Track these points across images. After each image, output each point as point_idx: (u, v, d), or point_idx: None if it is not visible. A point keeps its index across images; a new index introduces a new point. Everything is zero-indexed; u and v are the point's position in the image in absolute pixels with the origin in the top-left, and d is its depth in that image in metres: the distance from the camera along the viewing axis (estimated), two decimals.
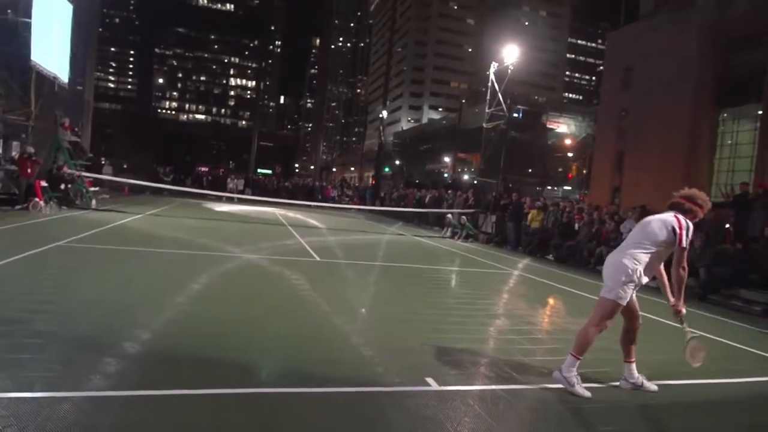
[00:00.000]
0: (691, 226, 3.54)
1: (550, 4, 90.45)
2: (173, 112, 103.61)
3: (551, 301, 7.50)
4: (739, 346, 5.49)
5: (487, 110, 15.55)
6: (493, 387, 3.33)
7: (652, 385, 3.64)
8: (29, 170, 11.23)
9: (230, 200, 22.98)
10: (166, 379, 2.91)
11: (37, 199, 11.13)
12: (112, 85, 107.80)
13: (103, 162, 22.52)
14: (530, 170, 34.57)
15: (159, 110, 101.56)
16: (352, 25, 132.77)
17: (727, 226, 9.68)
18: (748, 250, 8.41)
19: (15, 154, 12.46)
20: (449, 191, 19.41)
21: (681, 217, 3.53)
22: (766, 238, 8.17)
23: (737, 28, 21.13)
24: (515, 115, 17.07)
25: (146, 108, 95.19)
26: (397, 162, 61.43)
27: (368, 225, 18.98)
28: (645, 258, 3.48)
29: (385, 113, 29.82)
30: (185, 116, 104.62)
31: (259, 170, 56.73)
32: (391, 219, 22.32)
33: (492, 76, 15.36)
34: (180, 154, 49.27)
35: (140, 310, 4.39)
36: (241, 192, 25.44)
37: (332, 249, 10.88)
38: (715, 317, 7.09)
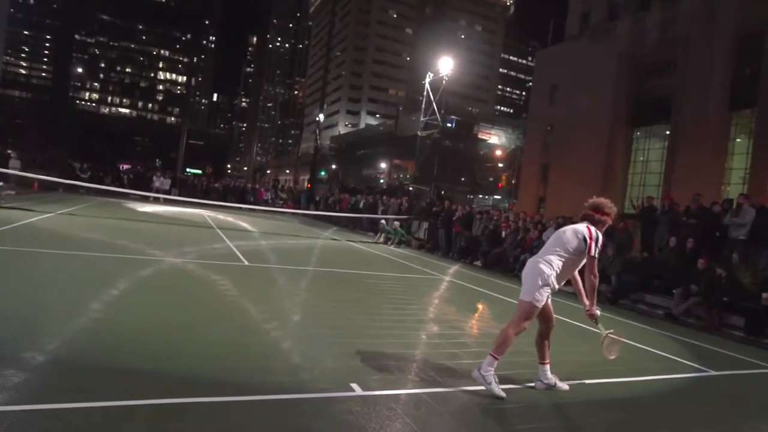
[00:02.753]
0: (601, 237, 3.75)
1: (486, 19, 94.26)
2: (93, 104, 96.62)
3: (478, 306, 7.76)
4: (642, 347, 5.95)
5: (422, 119, 15.85)
6: (417, 391, 3.39)
7: (564, 385, 3.86)
8: None
9: (156, 200, 21.78)
10: (77, 391, 2.70)
11: None
12: (23, 72, 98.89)
13: (10, 155, 20.51)
14: (462, 179, 35.69)
15: (77, 101, 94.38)
16: (291, 25, 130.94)
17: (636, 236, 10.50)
18: (654, 259, 9.16)
19: None
20: (384, 197, 19.58)
21: (592, 228, 3.75)
22: (670, 248, 8.95)
23: (649, 57, 23.18)
24: (448, 124, 17.52)
25: (62, 98, 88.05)
26: (333, 166, 61.22)
27: (302, 229, 18.71)
28: (559, 264, 3.69)
29: (321, 117, 29.57)
30: (107, 109, 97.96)
31: (188, 169, 54.32)
32: (325, 224, 22.13)
33: (427, 86, 15.71)
34: (100, 149, 46.02)
35: (49, 316, 4.05)
36: (167, 192, 24.18)
37: (263, 253, 10.62)
38: (624, 320, 7.65)
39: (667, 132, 22.61)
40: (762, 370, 5.63)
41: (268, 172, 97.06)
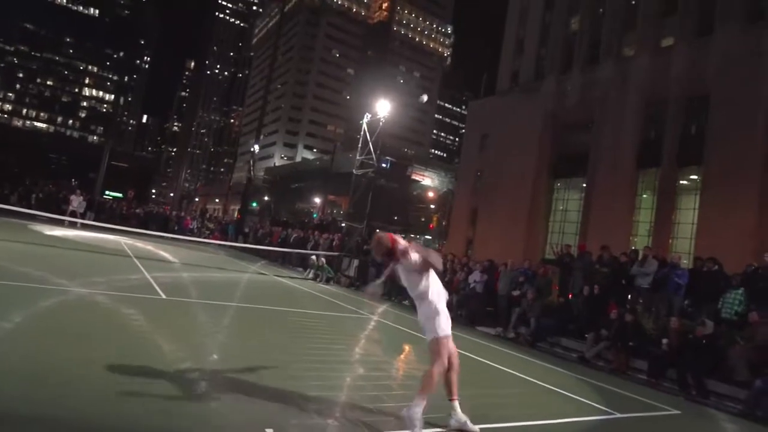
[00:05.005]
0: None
1: (424, 67, 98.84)
2: (5, 116, 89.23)
3: (404, 346, 7.76)
4: (557, 389, 6.20)
5: (357, 157, 16.10)
6: None
7: (474, 427, 3.82)
8: None
9: (72, 224, 20.10)
10: None
11: None
12: None
13: None
14: (395, 218, 36.27)
15: None
16: (231, 54, 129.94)
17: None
18: (569, 304, 9.70)
19: None
20: (316, 232, 19.40)
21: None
22: (583, 295, 9.52)
23: (570, 114, 25.19)
24: (383, 165, 17.88)
25: None
26: (266, 198, 60.10)
27: (228, 262, 17.99)
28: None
29: (257, 147, 29.14)
30: (20, 122, 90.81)
31: (107, 192, 50.96)
32: (253, 257, 21.45)
33: (364, 126, 16.06)
34: (8, 164, 42.15)
35: None
36: (83, 215, 22.44)
37: (184, 286, 10.07)
38: (541, 363, 7.95)
39: (584, 184, 24.46)
40: (662, 413, 6.03)
41: (197, 200, 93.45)
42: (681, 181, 20.82)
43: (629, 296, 8.96)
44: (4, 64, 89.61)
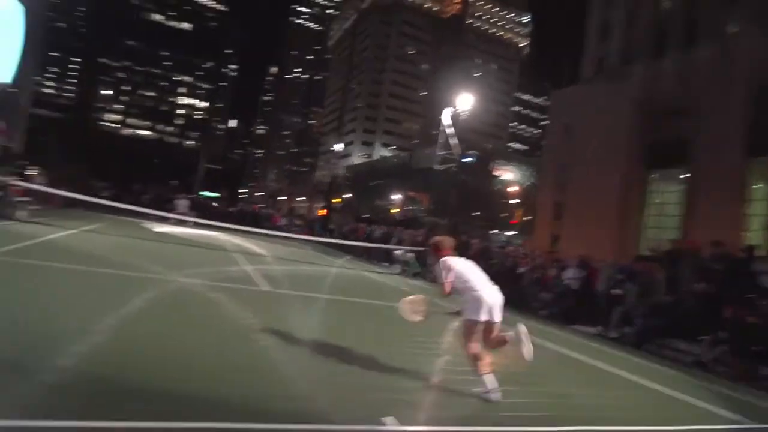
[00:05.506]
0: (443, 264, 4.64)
1: (501, 59, 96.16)
2: (115, 125, 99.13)
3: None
4: (671, 393, 5.75)
5: (438, 153, 15.98)
6: (456, 428, 3.28)
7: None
8: None
9: (174, 222, 21.89)
10: (103, 410, 2.65)
11: None
12: (48, 91, 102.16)
13: (36, 171, 20.85)
14: (477, 213, 35.72)
15: (99, 122, 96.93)
16: (309, 57, 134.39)
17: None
18: (678, 303, 8.98)
19: None
20: (399, 228, 19.56)
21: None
22: (695, 293, 8.77)
23: (664, 101, 23.30)
24: (467, 159, 17.62)
25: (85, 119, 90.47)
26: (345, 195, 61.67)
27: (315, 256, 18.66)
28: None
29: (341, 146, 29.93)
30: (127, 131, 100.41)
31: (202, 193, 54.95)
32: (338, 252, 22.07)
33: (445, 121, 15.89)
34: (120, 169, 46.83)
35: (72, 333, 4.02)
36: (185, 214, 24.37)
37: (281, 278, 10.56)
38: (652, 365, 7.43)
39: (684, 175, 22.57)
40: None
41: (282, 198, 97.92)
42: None
43: (750, 295, 8.09)
44: (112, 79, 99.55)
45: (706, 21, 24.44)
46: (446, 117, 15.89)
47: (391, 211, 39.99)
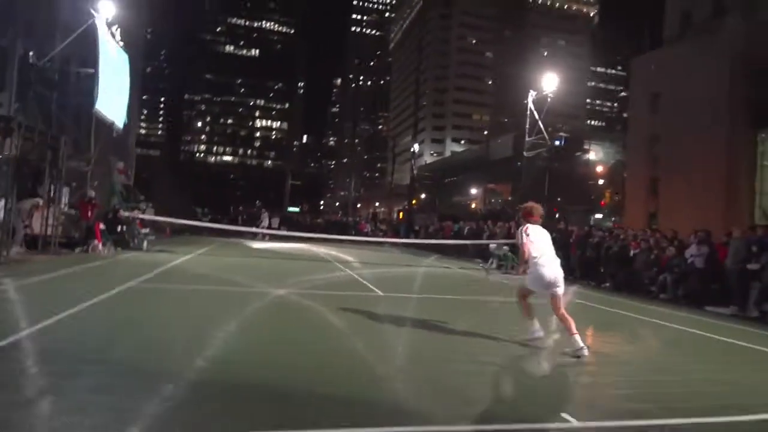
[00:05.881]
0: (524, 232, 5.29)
1: (569, 33, 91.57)
2: (202, 155, 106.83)
3: (641, 331, 7.18)
4: None
5: (527, 139, 15.52)
6: (638, 423, 3.14)
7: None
8: (89, 213, 11.62)
9: (266, 237, 23.16)
10: (331, 418, 2.87)
11: (96, 242, 11.45)
12: (142, 131, 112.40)
13: (147, 205, 23.11)
14: (563, 198, 34.22)
15: (187, 154, 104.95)
16: (371, 63, 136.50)
17: None
18: None
19: (67, 197, 12.89)
20: (488, 222, 19.22)
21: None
22: None
23: (765, 55, 20.94)
24: (557, 143, 16.97)
25: (176, 152, 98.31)
26: (423, 195, 61.63)
27: (408, 258, 18.84)
28: None
29: (416, 147, 30.07)
30: (213, 158, 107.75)
31: (289, 208, 57.68)
32: (424, 252, 22.05)
33: (530, 105, 15.42)
34: (212, 194, 50.35)
35: (246, 348, 4.38)
36: (277, 229, 25.72)
37: (391, 282, 10.70)
38: None
39: None
40: None
41: (359, 205, 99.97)
42: None
43: None
44: (195, 112, 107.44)
45: None
46: (531, 101, 15.36)
47: (473, 205, 39.39)
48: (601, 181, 42.47)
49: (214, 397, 3.07)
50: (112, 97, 12.93)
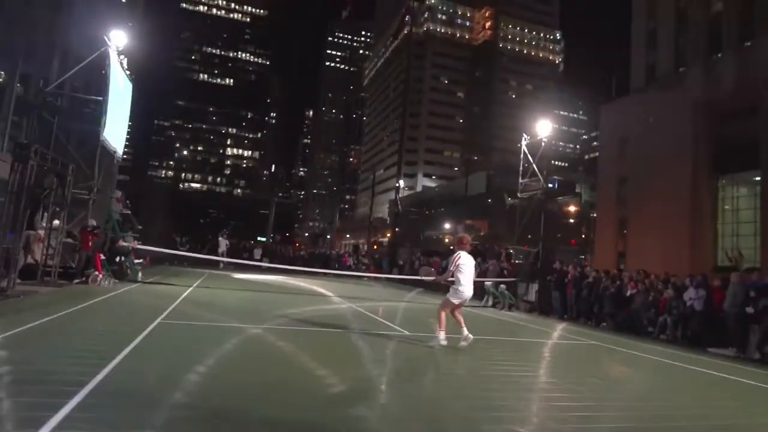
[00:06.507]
0: (456, 258, 6.94)
1: (536, 78, 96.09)
2: (170, 182, 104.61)
3: (662, 376, 7.45)
4: None
5: (521, 180, 16.13)
6: None
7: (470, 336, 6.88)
8: (90, 243, 11.21)
9: (255, 268, 22.67)
10: None
11: (96, 273, 11.02)
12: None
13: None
14: (559, 237, 35.22)
15: (155, 179, 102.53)
16: (344, 97, 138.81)
17: None
18: None
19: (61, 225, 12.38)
20: (479, 259, 19.50)
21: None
22: None
23: (728, 101, 22.58)
24: (550, 185, 17.65)
25: (142, 177, 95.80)
26: (396, 229, 61.97)
27: (395, 294, 18.70)
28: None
29: (402, 183, 30.49)
30: (182, 185, 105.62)
31: (260, 238, 56.62)
32: (408, 286, 21.95)
33: (524, 148, 16.11)
34: (189, 222, 49.07)
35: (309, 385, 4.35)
36: (259, 260, 25.28)
37: (406, 321, 10.51)
38: None
39: (757, 177, 21.61)
40: None
41: (329, 237, 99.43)
42: None
43: None
44: (164, 138, 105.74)
45: (763, 15, 23.84)
46: (524, 144, 16.06)
47: (460, 234, 39.71)
48: (572, 220, 43.99)
49: None
50: (115, 126, 12.73)
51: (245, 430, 3.24)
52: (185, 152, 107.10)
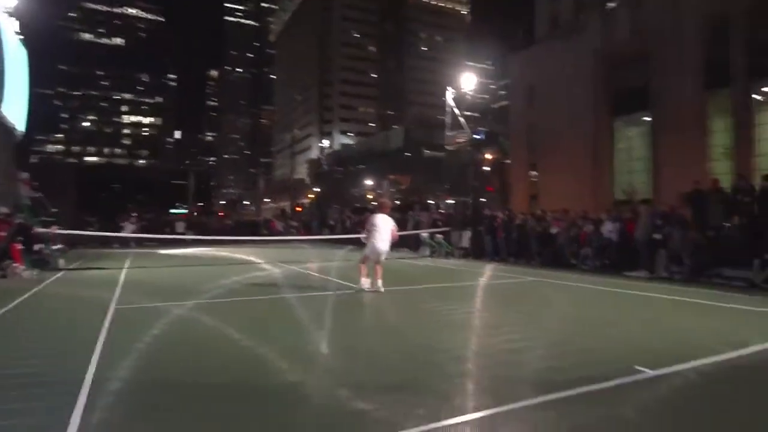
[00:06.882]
0: (372, 219, 8.29)
1: (445, 30, 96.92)
2: (59, 156, 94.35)
3: (600, 300, 8.38)
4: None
5: (447, 133, 16.65)
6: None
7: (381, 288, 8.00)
8: (2, 232, 10.12)
9: (177, 242, 21.67)
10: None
11: (15, 264, 10.03)
12: None
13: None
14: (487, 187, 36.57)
15: (41, 155, 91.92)
16: (250, 55, 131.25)
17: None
18: (719, 237, 10.08)
19: None
20: (410, 212, 20.14)
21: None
22: (731, 226, 9.89)
23: (622, 50, 24.47)
24: (476, 137, 18.34)
25: (26, 153, 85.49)
26: (317, 189, 61.45)
27: (330, 254, 18.67)
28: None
29: (326, 142, 29.94)
30: (73, 159, 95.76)
31: (173, 210, 53.49)
32: (338, 245, 21.97)
33: (450, 101, 16.55)
34: (96, 200, 44.75)
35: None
36: (183, 234, 24.16)
37: (341, 276, 10.71)
38: (717, 292, 8.38)
39: (647, 118, 23.95)
40: None
41: (246, 203, 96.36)
42: (755, 96, 20.14)
43: None
44: (48, 107, 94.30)
45: None
46: (449, 97, 16.47)
47: (380, 198, 40.26)
48: (487, 168, 46.15)
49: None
50: (12, 99, 11.24)
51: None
52: (75, 123, 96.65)
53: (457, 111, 16.24)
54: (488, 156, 44.93)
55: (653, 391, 3.55)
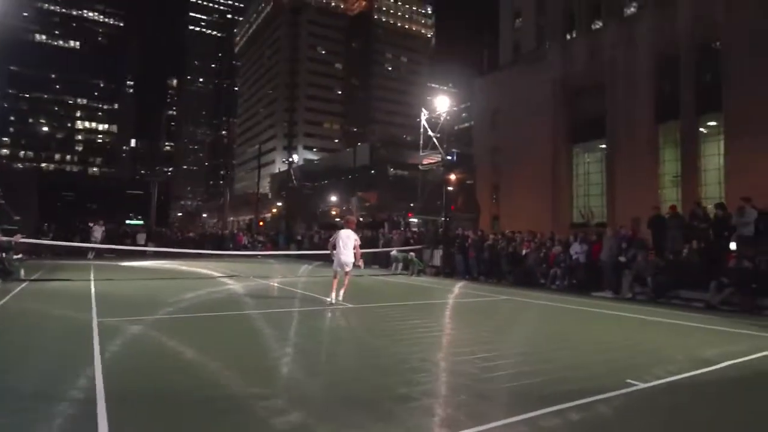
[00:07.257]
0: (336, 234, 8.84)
1: (410, 51, 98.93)
2: (4, 161, 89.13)
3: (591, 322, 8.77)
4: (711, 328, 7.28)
5: (421, 153, 17.07)
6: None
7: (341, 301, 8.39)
8: None
9: (137, 254, 20.93)
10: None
11: None
12: None
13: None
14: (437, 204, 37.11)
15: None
16: (213, 65, 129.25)
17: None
18: (678, 260, 10.78)
19: None
20: (382, 230, 20.34)
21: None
22: (691, 250, 10.62)
23: (580, 79, 25.81)
24: (449, 158, 18.83)
25: None
26: (279, 204, 60.65)
27: (296, 269, 18.57)
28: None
29: (296, 157, 29.89)
30: (20, 165, 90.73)
31: (130, 222, 51.51)
32: (304, 261, 21.99)
33: (424, 123, 17.02)
34: (52, 208, 42.35)
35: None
36: (144, 245, 23.36)
37: (309, 290, 10.73)
38: (679, 313, 8.95)
39: (603, 145, 25.24)
40: None
41: (205, 215, 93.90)
42: (701, 129, 21.65)
43: (736, 245, 9.98)
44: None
45: (607, 2, 27.45)
46: (423, 119, 16.96)
47: (347, 215, 40.30)
48: (451, 188, 47.03)
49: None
50: None
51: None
52: (22, 126, 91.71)
53: (431, 132, 16.65)
54: (457, 176, 46.03)
55: (648, 401, 3.84)
